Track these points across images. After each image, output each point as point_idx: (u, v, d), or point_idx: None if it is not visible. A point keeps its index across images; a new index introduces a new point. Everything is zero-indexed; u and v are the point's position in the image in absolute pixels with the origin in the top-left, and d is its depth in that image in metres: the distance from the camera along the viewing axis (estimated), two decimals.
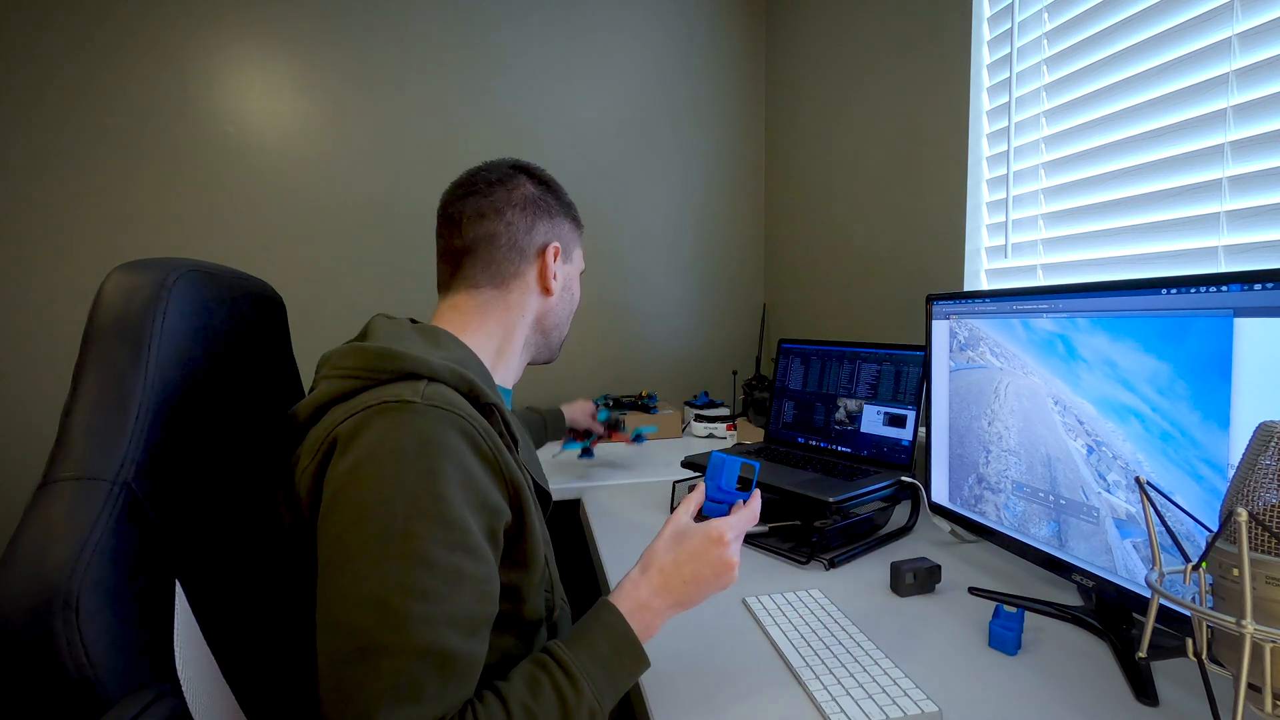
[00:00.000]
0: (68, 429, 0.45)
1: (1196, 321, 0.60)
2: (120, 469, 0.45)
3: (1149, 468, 0.64)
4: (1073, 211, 1.01)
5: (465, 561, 0.49)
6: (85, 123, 1.65)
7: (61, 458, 0.44)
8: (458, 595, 0.48)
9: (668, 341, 2.12)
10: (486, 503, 0.52)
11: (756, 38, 2.13)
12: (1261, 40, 0.75)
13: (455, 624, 0.47)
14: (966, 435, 0.92)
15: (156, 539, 0.47)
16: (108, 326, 0.49)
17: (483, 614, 0.51)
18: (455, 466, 0.50)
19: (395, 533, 0.47)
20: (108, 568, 0.41)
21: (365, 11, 1.80)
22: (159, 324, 0.50)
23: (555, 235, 0.74)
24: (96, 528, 0.42)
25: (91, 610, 0.39)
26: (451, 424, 0.51)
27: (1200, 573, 0.43)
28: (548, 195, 0.74)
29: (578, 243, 0.78)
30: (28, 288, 1.65)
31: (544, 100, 1.94)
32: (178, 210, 1.72)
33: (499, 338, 0.71)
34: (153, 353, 0.49)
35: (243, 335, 0.64)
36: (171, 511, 0.49)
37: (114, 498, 0.44)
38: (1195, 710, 0.58)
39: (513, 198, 0.70)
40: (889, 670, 0.63)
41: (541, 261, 0.72)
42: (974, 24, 1.19)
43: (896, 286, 1.45)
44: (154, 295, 0.51)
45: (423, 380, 0.53)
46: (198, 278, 0.57)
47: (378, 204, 1.84)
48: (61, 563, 0.39)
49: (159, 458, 0.48)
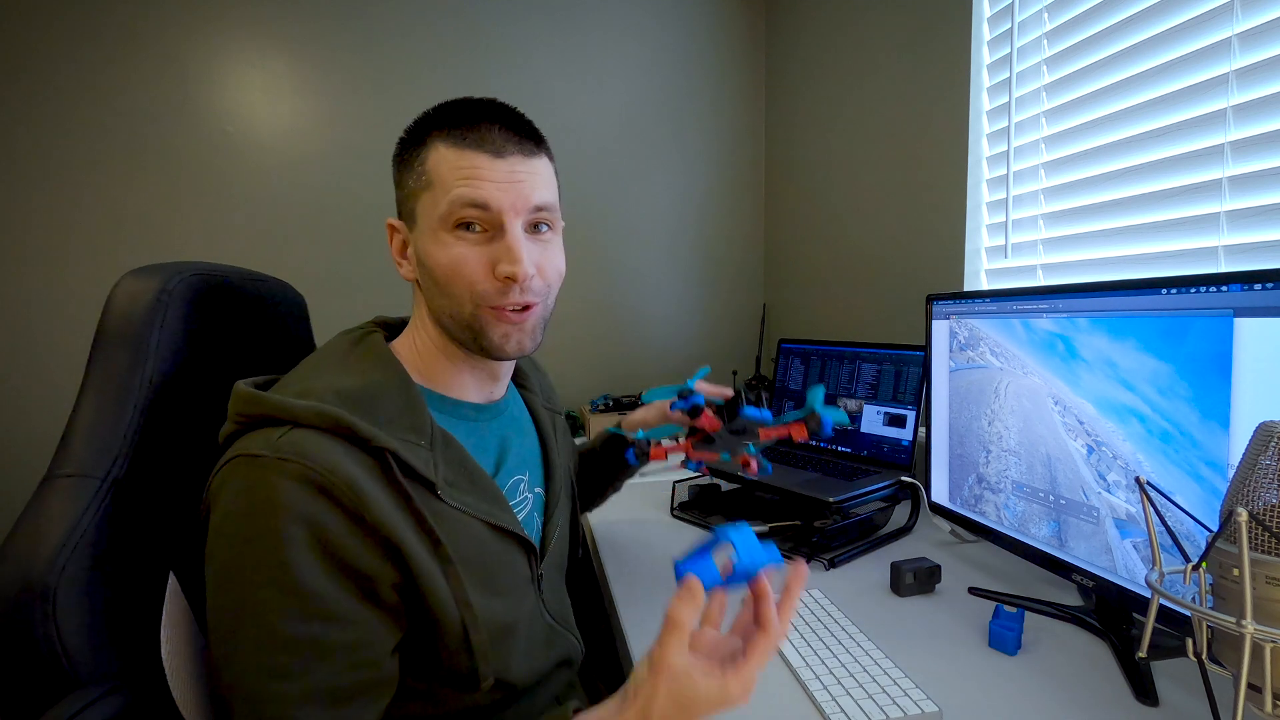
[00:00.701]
0: (70, 428, 0.48)
1: (1196, 321, 0.60)
2: (112, 467, 0.47)
3: (1149, 468, 0.64)
4: (1073, 211, 1.01)
5: (325, 630, 0.45)
6: (85, 123, 1.65)
7: (62, 455, 0.46)
8: (318, 668, 0.45)
9: (668, 341, 2.12)
10: (349, 566, 0.46)
11: (756, 38, 2.13)
12: (1261, 40, 0.75)
13: (315, 698, 0.45)
14: (966, 435, 0.92)
15: (142, 535, 0.48)
16: (112, 331, 0.51)
17: (356, 681, 0.47)
18: (303, 528, 0.44)
19: (246, 607, 0.44)
20: (87, 562, 0.43)
21: (366, 12, 1.80)
22: (158, 329, 0.52)
23: (399, 199, 0.61)
24: (81, 523, 0.44)
25: (69, 603, 0.41)
26: (301, 478, 0.45)
27: (1200, 573, 0.43)
28: (397, 148, 0.61)
29: (429, 181, 0.57)
30: (28, 288, 1.65)
31: (544, 99, 1.94)
32: (177, 210, 1.72)
33: (418, 335, 0.62)
34: (151, 356, 0.51)
35: (251, 335, 0.64)
36: (158, 508, 0.50)
37: (102, 494, 0.46)
38: (1195, 710, 0.58)
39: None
40: (889, 670, 0.63)
41: (391, 244, 0.62)
42: (974, 24, 1.19)
43: (896, 286, 1.45)
44: (155, 301, 0.53)
45: (282, 427, 0.47)
46: (200, 282, 0.58)
47: (378, 202, 1.84)
48: (45, 557, 0.41)
49: (150, 456, 0.50)
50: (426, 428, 0.54)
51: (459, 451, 0.56)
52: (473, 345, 0.59)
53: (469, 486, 0.56)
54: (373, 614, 0.48)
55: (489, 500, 0.57)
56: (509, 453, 0.65)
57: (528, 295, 0.57)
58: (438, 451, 0.54)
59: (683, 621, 0.44)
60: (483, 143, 0.56)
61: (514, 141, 0.58)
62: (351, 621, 0.47)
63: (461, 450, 0.57)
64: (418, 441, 0.53)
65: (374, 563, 0.47)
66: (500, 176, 0.56)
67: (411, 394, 0.55)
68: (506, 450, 0.65)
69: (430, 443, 0.54)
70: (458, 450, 0.56)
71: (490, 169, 0.55)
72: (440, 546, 0.51)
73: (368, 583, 0.47)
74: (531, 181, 0.57)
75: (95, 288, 1.68)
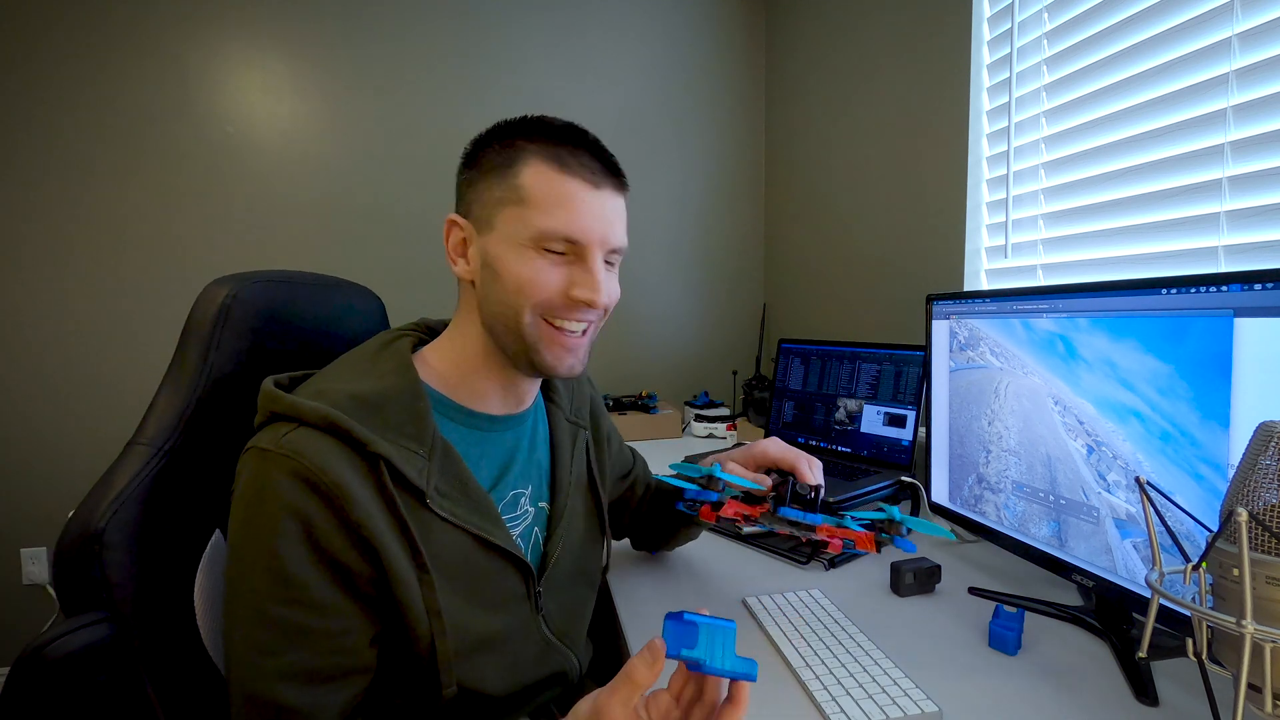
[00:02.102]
0: (150, 407, 0.60)
1: (1196, 321, 0.60)
2: (169, 440, 0.58)
3: (1149, 468, 0.64)
4: (1073, 211, 1.01)
5: (305, 616, 0.49)
6: (85, 123, 1.65)
7: (140, 428, 0.58)
8: (299, 649, 0.49)
9: (668, 341, 2.12)
10: (332, 558, 0.49)
11: (756, 38, 2.13)
12: (1261, 40, 0.75)
13: (291, 677, 0.48)
14: (966, 435, 0.92)
15: (185, 496, 0.59)
16: (190, 330, 0.63)
17: (331, 666, 0.50)
18: (293, 520, 0.48)
19: (243, 584, 0.50)
20: (135, 512, 0.54)
21: (367, 12, 1.80)
22: (220, 329, 0.63)
23: (469, 199, 0.61)
24: (135, 480, 0.54)
25: (114, 542, 0.52)
26: (295, 474, 0.49)
27: (1200, 573, 0.43)
28: (472, 150, 0.62)
29: (520, 197, 0.57)
30: (27, 288, 1.65)
31: (544, 99, 1.94)
32: (178, 210, 1.72)
33: (458, 339, 0.63)
34: (214, 353, 0.62)
35: (318, 334, 0.75)
36: (203, 476, 0.60)
37: (158, 461, 0.57)
38: (1195, 710, 0.58)
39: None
40: (889, 670, 0.63)
41: (447, 240, 0.62)
42: (974, 24, 1.19)
43: (896, 286, 1.46)
44: (221, 305, 0.64)
45: (289, 425, 0.51)
46: (265, 289, 0.68)
47: (379, 202, 1.84)
48: (105, 503, 0.52)
49: (200, 434, 0.60)
50: (428, 437, 0.55)
51: (456, 463, 0.57)
52: (520, 357, 0.60)
53: (460, 498, 0.57)
54: (352, 605, 0.51)
55: (480, 514, 0.58)
56: (514, 465, 0.65)
57: (589, 319, 0.61)
58: (435, 461, 0.55)
59: (637, 679, 0.43)
60: (581, 171, 0.58)
61: (607, 175, 0.60)
62: (332, 610, 0.50)
63: (459, 462, 0.58)
64: (416, 450, 0.54)
65: (353, 558, 0.50)
66: (595, 211, 0.58)
67: (419, 404, 0.56)
68: (512, 462, 0.65)
69: (429, 452, 0.55)
70: (455, 462, 0.57)
71: (588, 201, 0.58)
72: (419, 554, 0.52)
73: (348, 575, 0.50)
74: (617, 219, 0.61)
75: (92, 288, 1.68)
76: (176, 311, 1.71)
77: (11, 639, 1.71)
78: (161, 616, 0.55)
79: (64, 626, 0.49)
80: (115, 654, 0.51)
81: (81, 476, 1.69)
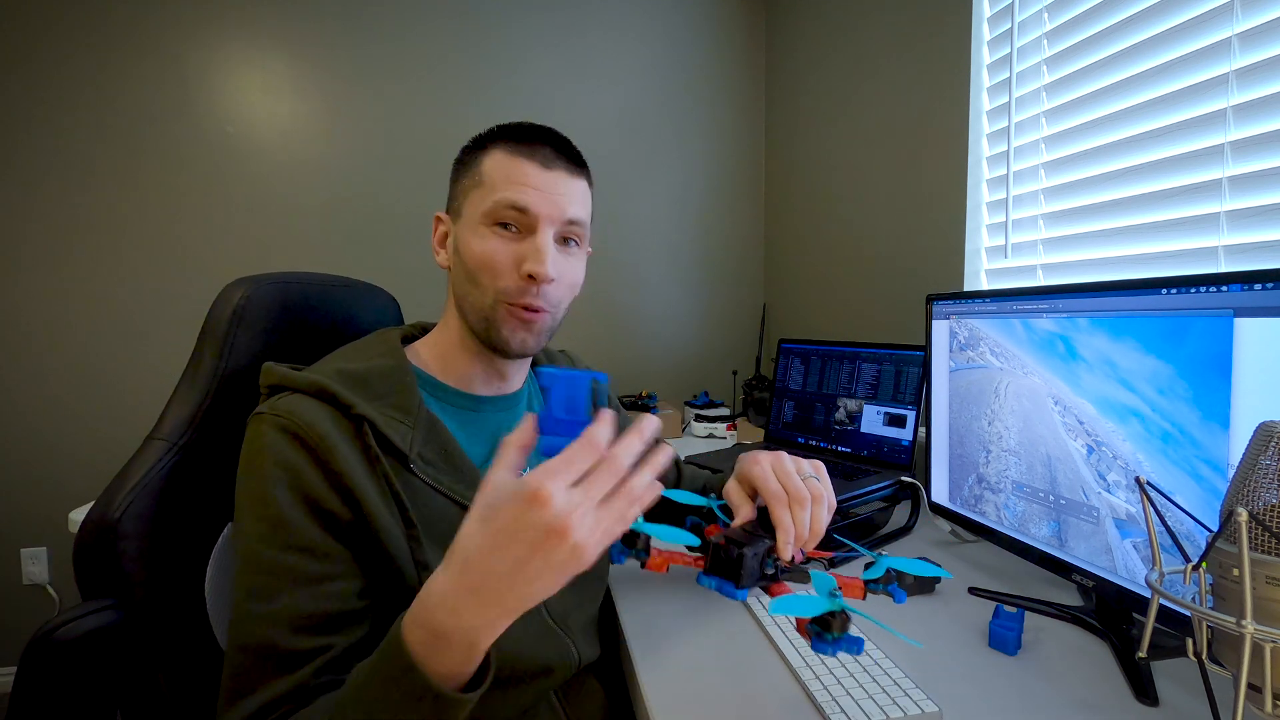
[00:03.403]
0: (169, 403, 0.63)
1: (1196, 321, 0.60)
2: (184, 434, 0.61)
3: (1149, 468, 0.64)
4: (1073, 211, 1.01)
5: (298, 560, 0.51)
6: (85, 123, 1.65)
7: (159, 423, 0.61)
8: (290, 593, 0.50)
9: (668, 341, 2.12)
10: (318, 504, 0.52)
11: (756, 38, 2.13)
12: (1261, 40, 0.75)
13: (282, 621, 0.50)
14: (966, 435, 0.92)
15: (197, 488, 0.62)
16: (207, 329, 0.66)
17: (323, 611, 0.51)
18: (282, 469, 0.52)
19: (241, 536, 0.53)
20: (150, 503, 0.57)
21: (368, 12, 1.80)
22: (234, 329, 0.66)
23: (450, 196, 0.68)
24: (151, 473, 0.58)
25: (129, 534, 0.55)
26: (283, 429, 0.53)
27: (1200, 573, 0.43)
28: (458, 155, 0.68)
29: (480, 181, 0.63)
30: (27, 288, 1.65)
31: (544, 100, 1.94)
32: (178, 210, 1.72)
33: (443, 329, 0.69)
34: (228, 351, 0.65)
35: (333, 333, 0.77)
36: (214, 468, 0.63)
37: (172, 454, 0.60)
38: (1195, 710, 0.58)
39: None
40: (889, 670, 0.63)
41: (434, 234, 0.70)
42: (974, 24, 1.19)
43: (896, 286, 1.46)
44: (236, 306, 0.66)
45: (284, 393, 0.57)
46: (278, 290, 0.71)
47: (378, 203, 1.84)
48: (121, 495, 0.56)
49: (212, 429, 0.63)
50: (414, 408, 0.59)
51: (443, 434, 0.61)
52: (484, 337, 0.64)
53: (445, 466, 0.60)
54: (340, 549, 0.53)
55: (466, 483, 0.60)
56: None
57: (541, 299, 0.63)
58: (419, 430, 0.59)
59: (511, 445, 0.43)
60: (534, 155, 0.63)
61: (561, 160, 0.64)
62: (320, 551, 0.52)
63: (446, 434, 0.61)
64: (401, 419, 0.58)
65: (336, 504, 0.53)
66: (544, 186, 0.62)
67: (405, 379, 0.61)
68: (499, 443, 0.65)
69: (413, 421, 0.59)
70: (442, 433, 0.61)
71: (536, 178, 0.62)
72: (406, 511, 0.55)
73: (332, 519, 0.53)
74: (570, 196, 0.64)
75: (93, 287, 1.68)
76: (177, 312, 1.72)
77: (12, 639, 1.71)
78: (172, 605, 0.58)
79: (73, 611, 0.51)
80: (123, 639, 0.53)
81: (82, 477, 1.69)
